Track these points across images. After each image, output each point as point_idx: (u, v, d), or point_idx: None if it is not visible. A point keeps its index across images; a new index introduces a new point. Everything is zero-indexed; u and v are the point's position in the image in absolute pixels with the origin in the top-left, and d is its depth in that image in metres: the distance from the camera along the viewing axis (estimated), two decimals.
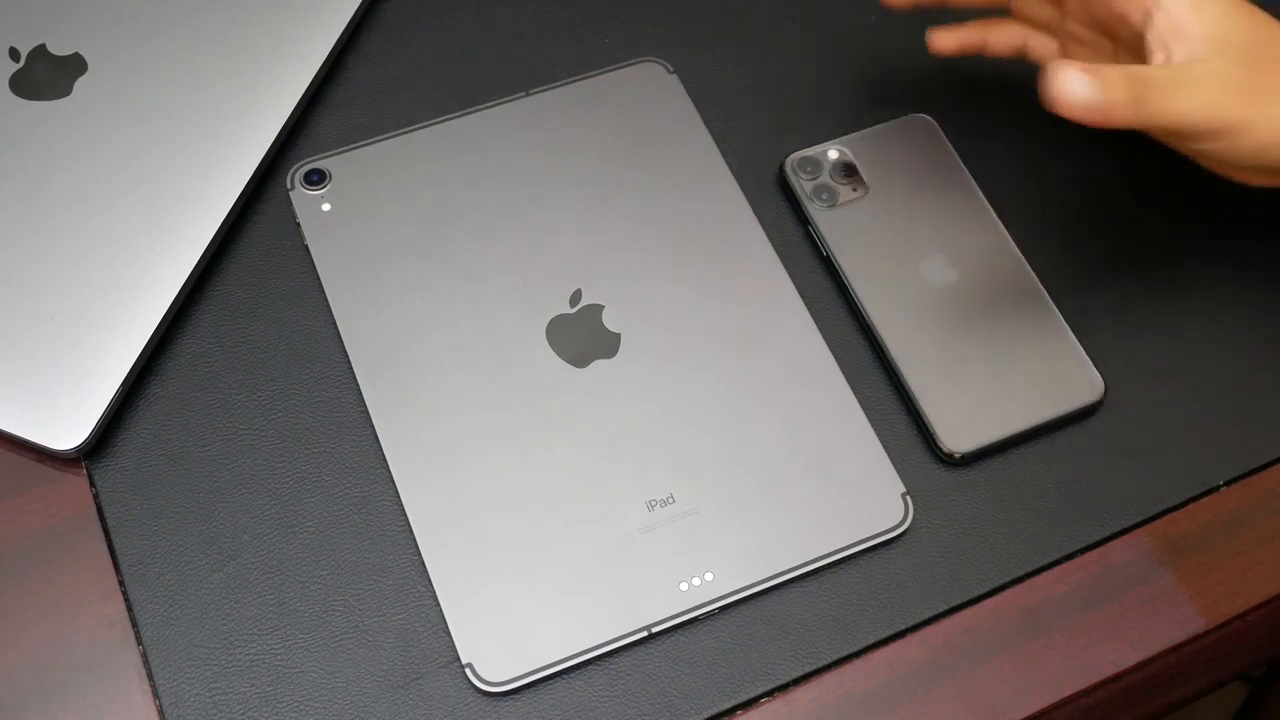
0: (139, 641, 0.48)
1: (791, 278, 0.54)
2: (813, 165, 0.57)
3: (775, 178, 0.58)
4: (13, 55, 0.57)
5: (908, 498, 0.50)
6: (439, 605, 0.48)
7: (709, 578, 0.48)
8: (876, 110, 0.59)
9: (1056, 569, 0.51)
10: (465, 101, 0.58)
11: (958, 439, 0.51)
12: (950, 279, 0.55)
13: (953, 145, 0.58)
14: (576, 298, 0.53)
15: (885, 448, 0.51)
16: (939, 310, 0.54)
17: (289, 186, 0.55)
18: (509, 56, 0.60)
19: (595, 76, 0.59)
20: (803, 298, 0.54)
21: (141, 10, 0.59)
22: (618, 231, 0.55)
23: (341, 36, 0.59)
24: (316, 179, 0.55)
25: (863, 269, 0.55)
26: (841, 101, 0.60)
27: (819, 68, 0.61)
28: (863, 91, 0.60)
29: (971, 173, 0.57)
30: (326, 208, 0.55)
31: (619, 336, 0.52)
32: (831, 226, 0.55)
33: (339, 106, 0.59)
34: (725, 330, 0.53)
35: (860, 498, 0.50)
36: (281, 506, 0.50)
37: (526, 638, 0.47)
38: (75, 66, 0.57)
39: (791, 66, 0.61)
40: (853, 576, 0.49)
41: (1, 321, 0.51)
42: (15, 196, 0.54)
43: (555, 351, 0.52)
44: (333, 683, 0.47)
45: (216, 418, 0.52)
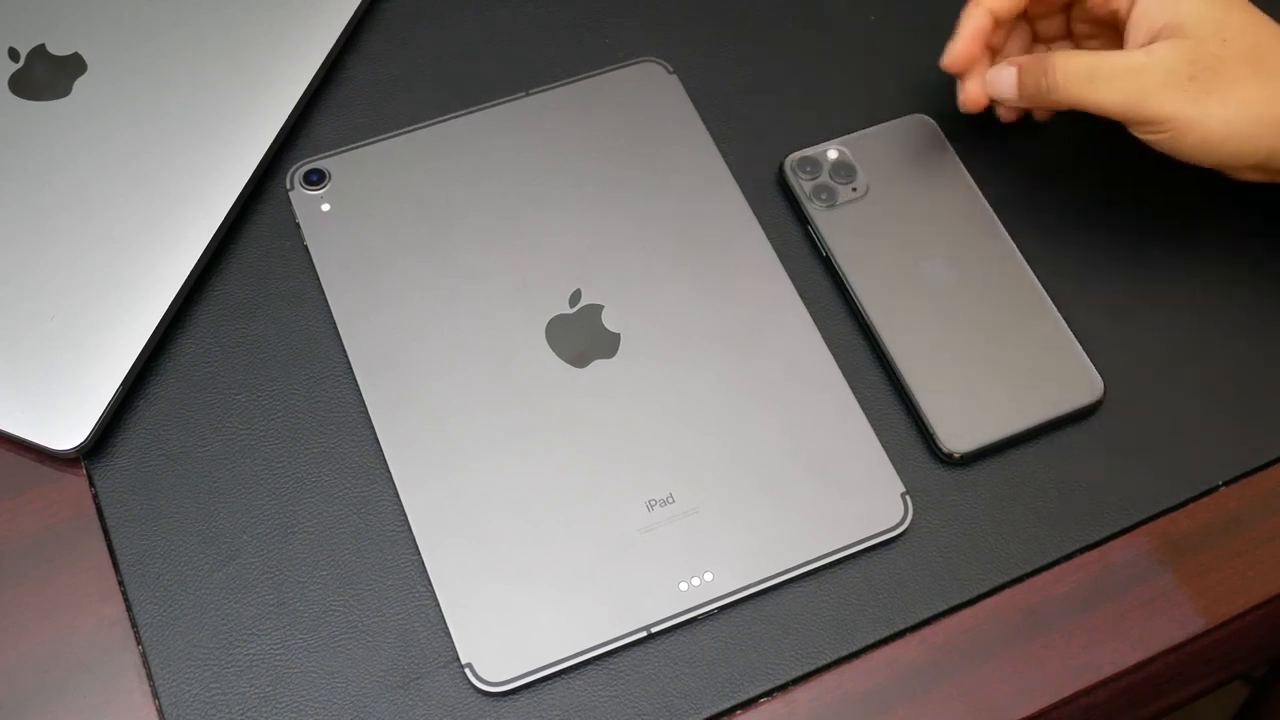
0: (138, 641, 0.48)
1: (791, 278, 0.54)
2: (812, 165, 0.57)
3: (775, 178, 0.58)
4: (12, 55, 0.57)
5: (907, 498, 0.50)
6: (439, 605, 0.47)
7: (709, 578, 0.48)
8: (876, 110, 0.59)
9: (1056, 569, 0.51)
10: (465, 101, 0.58)
11: (957, 439, 0.51)
12: (950, 279, 0.54)
13: (953, 145, 0.58)
14: (576, 298, 0.53)
15: (885, 448, 0.51)
16: (939, 310, 0.54)
17: (288, 186, 0.55)
18: (509, 56, 0.60)
19: (595, 76, 0.59)
20: (802, 298, 0.54)
21: (141, 10, 0.59)
22: (617, 231, 0.55)
23: (341, 36, 0.59)
24: (316, 179, 0.55)
25: (862, 269, 0.55)
26: (841, 101, 0.60)
27: (819, 68, 0.61)
28: (863, 91, 0.60)
29: (971, 173, 0.57)
30: (326, 208, 0.55)
31: (618, 336, 0.52)
32: (831, 226, 0.55)
33: (339, 106, 0.59)
34: (725, 330, 0.53)
35: (860, 498, 0.50)
36: (281, 506, 0.50)
37: (526, 638, 0.47)
38: (75, 66, 0.57)
39: (791, 66, 0.61)
40: (852, 576, 0.49)
41: (1, 321, 0.51)
42: (15, 196, 0.54)
43: (555, 351, 0.52)
44: (332, 683, 0.47)
45: (216, 418, 0.52)
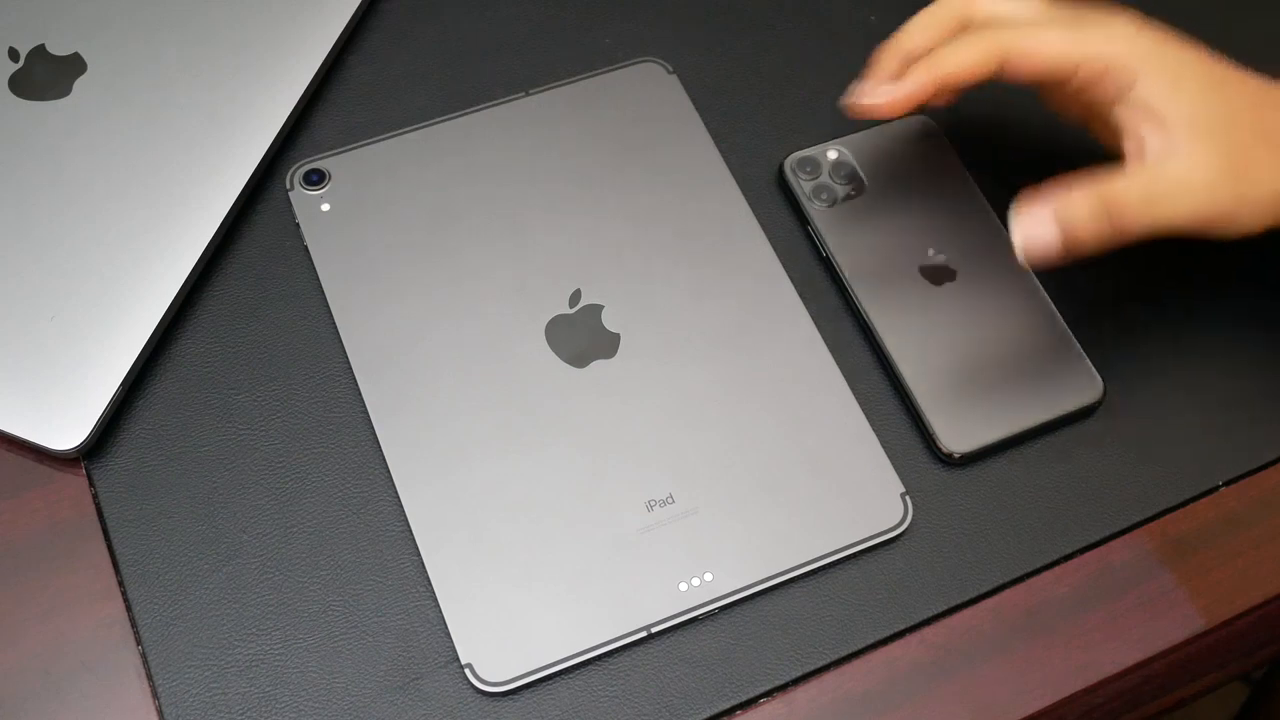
0: (138, 641, 0.48)
1: (791, 278, 0.54)
2: (812, 165, 0.57)
3: (775, 178, 0.58)
4: (12, 55, 0.57)
5: (907, 498, 0.50)
6: (438, 605, 0.47)
7: (708, 578, 0.48)
8: None
9: (1056, 569, 0.51)
10: (465, 101, 0.58)
11: (957, 439, 0.51)
12: (950, 279, 0.54)
13: (953, 145, 0.58)
14: (576, 298, 0.53)
15: (885, 448, 0.51)
16: (939, 310, 0.54)
17: (288, 187, 0.55)
18: (509, 56, 0.60)
19: (595, 76, 0.59)
20: (802, 298, 0.54)
21: (141, 10, 0.59)
22: (617, 231, 0.55)
23: (341, 36, 0.59)
24: (316, 179, 0.55)
25: (862, 269, 0.55)
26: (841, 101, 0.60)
27: (819, 68, 0.61)
28: None
29: (971, 173, 0.57)
30: (326, 208, 0.55)
31: (618, 336, 0.52)
32: (831, 226, 0.55)
33: (339, 106, 0.59)
34: (725, 330, 0.53)
35: (860, 498, 0.50)
36: (281, 507, 0.50)
37: (526, 638, 0.47)
38: (75, 66, 0.57)
39: (791, 66, 0.61)
40: (852, 576, 0.49)
41: (1, 321, 0.51)
42: (15, 196, 0.54)
43: (554, 351, 0.52)
44: (332, 683, 0.47)
45: (216, 418, 0.52)
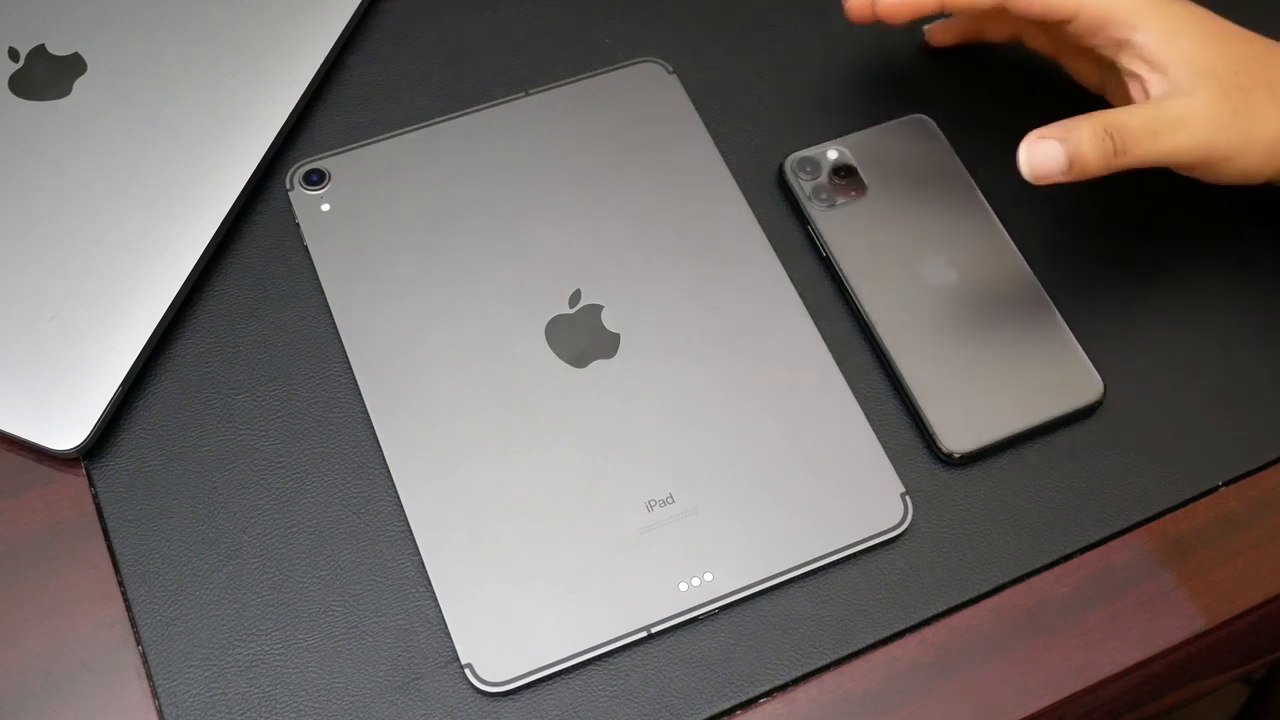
0: (138, 641, 0.48)
1: (791, 278, 0.54)
2: (812, 165, 0.57)
3: (775, 178, 0.58)
4: (12, 55, 0.57)
5: (907, 498, 0.50)
6: (439, 605, 0.47)
7: (708, 578, 0.48)
8: (876, 110, 0.59)
9: (1056, 569, 0.51)
10: (465, 101, 0.58)
11: (957, 439, 0.51)
12: (950, 279, 0.54)
13: (953, 145, 0.58)
14: (576, 298, 0.53)
15: (885, 448, 0.51)
16: (939, 310, 0.54)
17: (288, 187, 0.55)
18: (509, 56, 0.60)
19: (595, 76, 0.59)
20: (802, 298, 0.54)
21: (141, 10, 0.59)
22: (617, 231, 0.55)
23: (341, 36, 0.59)
24: (316, 179, 0.55)
25: (862, 269, 0.55)
26: (841, 101, 0.60)
27: (819, 68, 0.61)
28: (863, 91, 0.60)
29: (971, 173, 0.57)
30: (326, 208, 0.55)
31: (618, 336, 0.52)
32: (831, 226, 0.55)
33: (339, 106, 0.59)
34: (724, 330, 0.53)
35: (860, 498, 0.50)
36: (281, 507, 0.50)
37: (526, 638, 0.47)
38: (75, 66, 0.57)
39: (791, 66, 0.61)
40: (852, 576, 0.49)
41: (1, 321, 0.51)
42: (15, 196, 0.54)
43: (554, 351, 0.52)
44: (332, 683, 0.47)
45: (216, 418, 0.52)
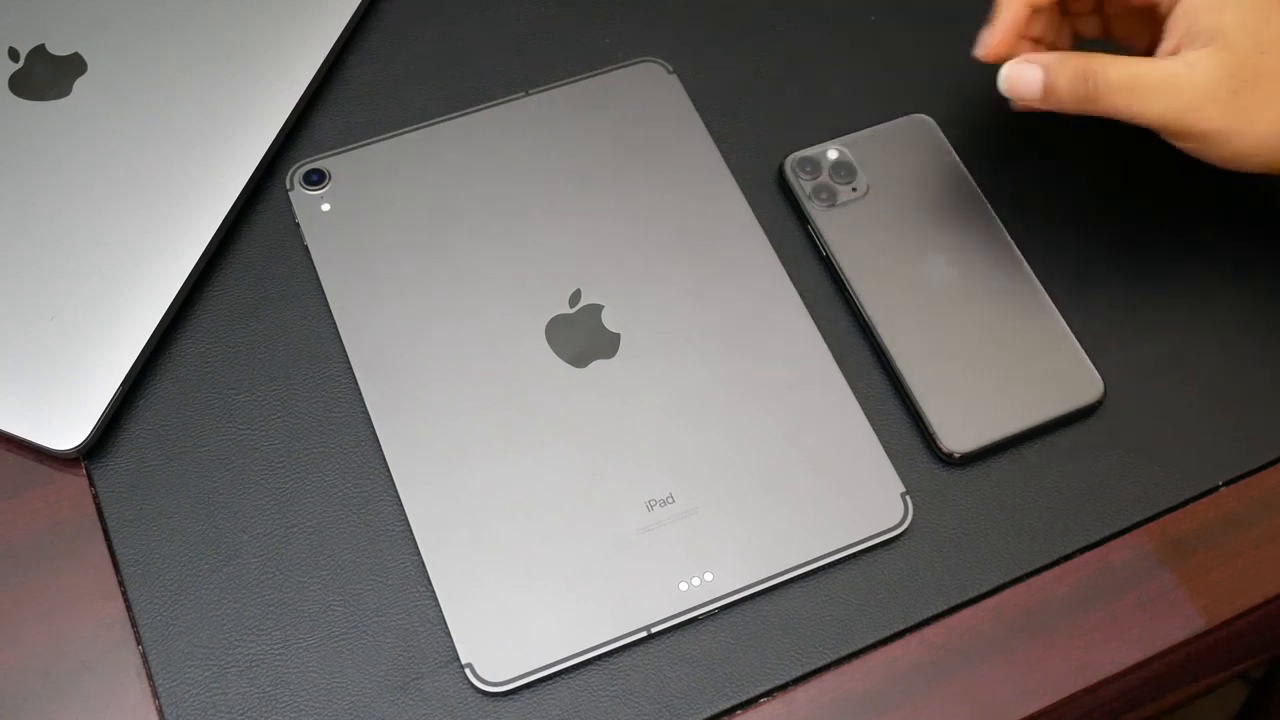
0: (139, 641, 0.48)
1: (791, 278, 0.54)
2: (812, 165, 0.57)
3: (775, 178, 0.58)
4: (12, 55, 0.57)
5: (907, 497, 0.50)
6: (439, 605, 0.47)
7: (709, 578, 0.48)
8: (876, 110, 0.59)
9: (1056, 569, 0.51)
10: (465, 101, 0.58)
11: (958, 439, 0.51)
12: (950, 279, 0.54)
13: (953, 145, 0.58)
14: (576, 297, 0.53)
15: (885, 448, 0.51)
16: (939, 310, 0.54)
17: (289, 186, 0.55)
18: (509, 56, 0.60)
19: (595, 76, 0.59)
20: (803, 298, 0.54)
21: (141, 10, 0.59)
22: (617, 231, 0.55)
23: (341, 36, 0.59)
24: (316, 179, 0.55)
25: (863, 269, 0.55)
26: (841, 101, 0.60)
27: (819, 67, 0.61)
28: (863, 91, 0.60)
29: (971, 173, 0.57)
30: (326, 208, 0.55)
31: (618, 336, 0.52)
32: (831, 226, 0.55)
33: (339, 106, 0.59)
34: (724, 330, 0.53)
35: (860, 497, 0.50)
36: (281, 506, 0.50)
37: (526, 638, 0.47)
38: (75, 66, 0.57)
39: (791, 66, 0.61)
40: (852, 576, 0.49)
41: (1, 321, 0.51)
42: (15, 196, 0.54)
43: (555, 351, 0.52)
44: (332, 683, 0.47)
45: (216, 418, 0.52)
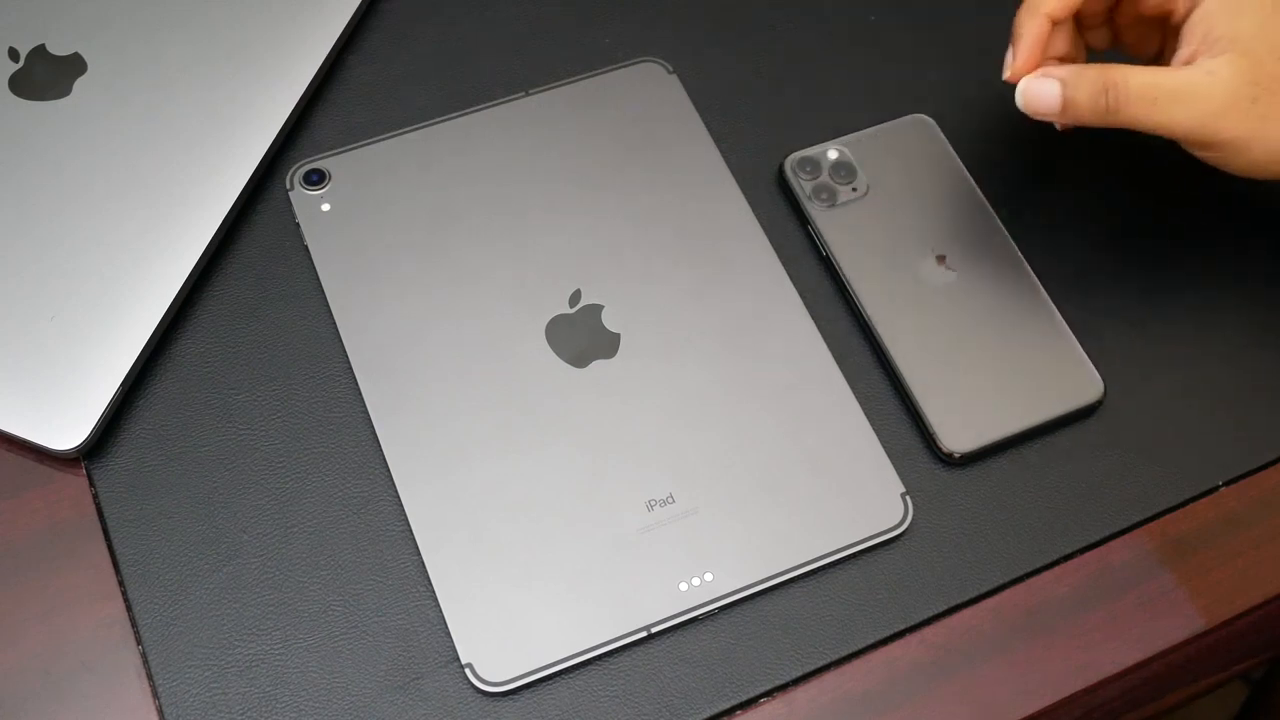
0: (139, 641, 0.48)
1: (791, 278, 0.54)
2: (812, 165, 0.57)
3: (775, 178, 0.58)
4: (12, 55, 0.57)
5: (907, 498, 0.50)
6: (439, 605, 0.47)
7: (708, 578, 0.48)
8: (876, 110, 0.59)
9: (1056, 569, 0.51)
10: (465, 101, 0.58)
11: (958, 439, 0.51)
12: (950, 279, 0.54)
13: (953, 145, 0.58)
14: (576, 298, 0.53)
15: (885, 448, 0.51)
16: (939, 310, 0.54)
17: (289, 186, 0.55)
18: (509, 56, 0.60)
19: (595, 76, 0.59)
20: (803, 298, 0.54)
21: (141, 10, 0.59)
22: (617, 231, 0.55)
23: (341, 36, 0.59)
24: (316, 179, 0.55)
25: (863, 269, 0.55)
26: (841, 101, 0.60)
27: (819, 67, 0.61)
28: (863, 91, 0.60)
29: (971, 173, 0.57)
30: (326, 208, 0.55)
31: (618, 336, 0.52)
32: (831, 226, 0.55)
33: (339, 106, 0.59)
34: (725, 330, 0.53)
35: (860, 498, 0.50)
36: (281, 506, 0.50)
37: (526, 638, 0.47)
38: (75, 66, 0.57)
39: (791, 66, 0.61)
40: (852, 576, 0.49)
41: (1, 321, 0.51)
42: (15, 196, 0.54)
43: (555, 351, 0.52)
44: (332, 683, 0.47)
45: (216, 418, 0.52)
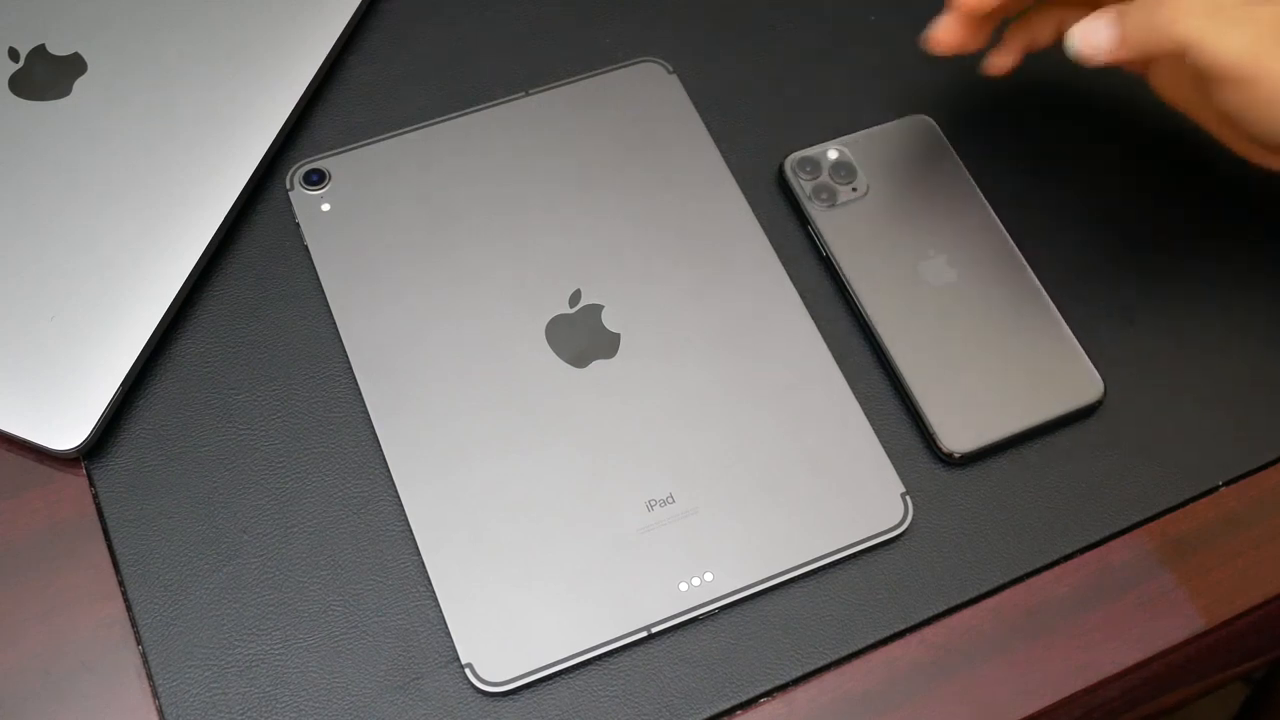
0: (139, 641, 0.48)
1: (791, 278, 0.54)
2: (812, 165, 0.57)
3: (775, 178, 0.58)
4: (12, 55, 0.57)
5: (907, 498, 0.50)
6: (439, 605, 0.47)
7: (709, 578, 0.48)
8: (876, 110, 0.59)
9: (1056, 569, 0.51)
10: (465, 101, 0.58)
11: (957, 439, 0.51)
12: (950, 279, 0.54)
13: (953, 145, 0.58)
14: (576, 298, 0.53)
15: (885, 448, 0.51)
16: (939, 310, 0.54)
17: (289, 186, 0.55)
18: (509, 56, 0.60)
19: (595, 76, 0.59)
20: (803, 298, 0.54)
21: (141, 10, 0.59)
22: (617, 231, 0.55)
23: (341, 36, 0.59)
24: (316, 179, 0.55)
25: (863, 269, 0.55)
26: (841, 101, 0.60)
27: (819, 67, 0.61)
28: (863, 91, 0.60)
29: (971, 173, 0.57)
30: (326, 208, 0.55)
31: (618, 336, 0.52)
32: (831, 226, 0.55)
33: (339, 106, 0.59)
34: (725, 330, 0.53)
35: (860, 498, 0.50)
36: (281, 506, 0.50)
37: (526, 638, 0.47)
38: (75, 66, 0.57)
39: (791, 66, 0.61)
40: (852, 576, 0.49)
41: (1, 321, 0.51)
42: (15, 196, 0.54)
43: (555, 351, 0.52)
44: (332, 683, 0.47)
45: (216, 418, 0.52)
